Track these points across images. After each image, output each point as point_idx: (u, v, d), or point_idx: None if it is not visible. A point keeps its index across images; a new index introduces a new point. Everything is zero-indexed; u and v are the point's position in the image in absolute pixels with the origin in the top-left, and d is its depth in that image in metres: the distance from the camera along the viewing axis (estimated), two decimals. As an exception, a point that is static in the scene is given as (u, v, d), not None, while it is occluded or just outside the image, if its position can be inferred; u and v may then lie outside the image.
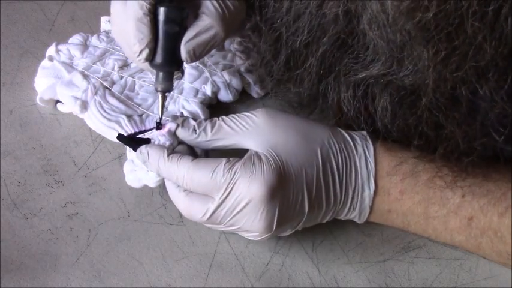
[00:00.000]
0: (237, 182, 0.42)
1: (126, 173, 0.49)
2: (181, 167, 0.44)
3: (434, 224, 0.44)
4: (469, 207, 0.43)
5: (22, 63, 0.59)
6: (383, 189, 0.45)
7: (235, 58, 0.59)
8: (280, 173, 0.43)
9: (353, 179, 0.45)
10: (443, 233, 0.45)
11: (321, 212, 0.45)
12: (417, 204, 0.44)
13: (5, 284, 0.45)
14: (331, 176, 0.44)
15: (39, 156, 0.53)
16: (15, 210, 0.49)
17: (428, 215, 0.44)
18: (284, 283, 0.47)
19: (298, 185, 0.43)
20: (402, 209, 0.45)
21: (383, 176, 0.45)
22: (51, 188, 0.51)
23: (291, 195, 0.43)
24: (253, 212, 0.43)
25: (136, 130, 0.52)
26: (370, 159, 0.45)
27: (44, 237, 0.48)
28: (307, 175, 0.43)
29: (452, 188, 0.43)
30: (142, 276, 0.46)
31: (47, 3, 0.65)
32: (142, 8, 0.45)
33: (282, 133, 0.44)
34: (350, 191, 0.45)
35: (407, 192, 0.45)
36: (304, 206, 0.44)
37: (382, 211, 0.46)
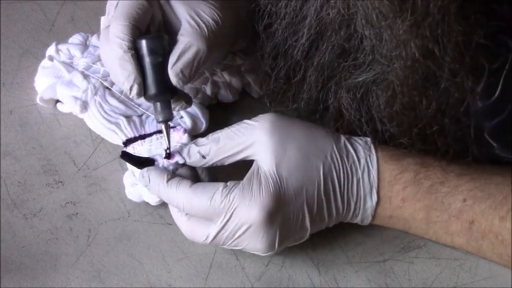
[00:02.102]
0: (236, 209, 0.43)
1: (127, 186, 0.50)
2: (180, 193, 0.44)
3: (435, 228, 0.45)
4: (470, 211, 0.43)
5: (22, 63, 0.59)
6: (384, 197, 0.45)
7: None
8: (279, 196, 0.43)
9: (355, 192, 0.45)
10: (443, 236, 0.45)
11: (324, 223, 0.46)
12: (418, 211, 0.45)
13: (5, 284, 0.45)
14: (332, 191, 0.44)
15: (39, 156, 0.53)
16: (15, 210, 0.49)
17: (429, 220, 0.45)
18: (284, 283, 0.47)
19: (298, 204, 0.44)
20: (403, 215, 0.45)
21: (384, 186, 0.45)
22: (51, 188, 0.51)
23: (291, 215, 0.44)
24: (254, 236, 0.43)
25: (136, 134, 0.52)
26: (373, 172, 0.45)
27: (44, 237, 0.48)
28: (307, 192, 0.44)
29: (454, 193, 0.44)
30: (142, 276, 0.46)
31: (47, 3, 0.65)
32: (122, 47, 0.45)
33: (283, 149, 0.44)
34: (352, 204, 0.45)
35: (408, 199, 0.45)
36: (305, 223, 0.44)
37: (384, 217, 0.46)
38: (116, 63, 0.46)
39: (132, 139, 0.52)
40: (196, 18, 0.48)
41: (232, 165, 0.46)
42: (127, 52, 0.46)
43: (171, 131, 0.52)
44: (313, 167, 0.44)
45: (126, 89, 0.46)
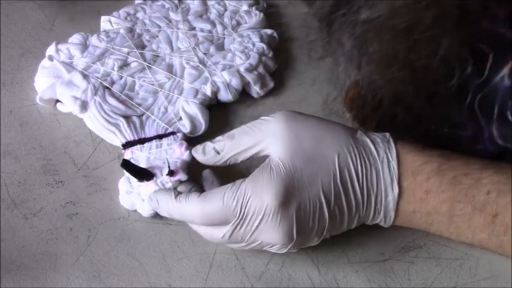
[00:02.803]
0: (250, 199, 0.42)
1: (121, 192, 0.50)
2: (190, 205, 0.44)
3: (458, 222, 0.44)
4: (494, 205, 0.42)
5: (22, 63, 0.59)
6: (407, 190, 0.44)
7: (235, 58, 0.59)
8: (292, 181, 0.42)
9: (375, 184, 0.44)
10: (465, 231, 0.44)
11: (344, 218, 0.44)
12: (442, 203, 0.44)
13: (5, 284, 0.45)
14: (349, 181, 0.43)
15: (39, 156, 0.53)
16: (15, 210, 0.49)
17: (452, 213, 0.43)
18: (284, 283, 0.47)
19: (313, 191, 0.43)
20: (427, 208, 0.44)
21: (407, 176, 0.44)
22: (51, 188, 0.51)
23: (307, 203, 0.43)
24: (271, 225, 0.42)
25: (135, 137, 0.52)
26: (392, 163, 0.44)
27: (44, 237, 0.48)
28: (323, 181, 0.43)
29: (478, 185, 0.43)
30: (142, 276, 0.46)
31: (47, 3, 0.65)
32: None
33: (298, 140, 0.44)
34: (372, 196, 0.44)
35: (432, 191, 0.44)
36: (323, 212, 0.43)
37: (407, 212, 0.45)
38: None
39: (131, 142, 0.52)
40: None
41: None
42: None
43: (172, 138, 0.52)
44: (328, 157, 0.43)
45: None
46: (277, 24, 0.66)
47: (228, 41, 0.61)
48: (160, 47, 0.60)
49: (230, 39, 0.61)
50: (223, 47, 0.61)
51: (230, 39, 0.61)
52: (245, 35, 0.62)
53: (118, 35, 0.60)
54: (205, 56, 0.59)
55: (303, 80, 0.61)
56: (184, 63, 0.58)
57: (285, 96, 0.60)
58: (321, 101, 0.60)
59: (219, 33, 0.62)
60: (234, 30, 0.62)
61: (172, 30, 0.61)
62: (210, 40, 0.61)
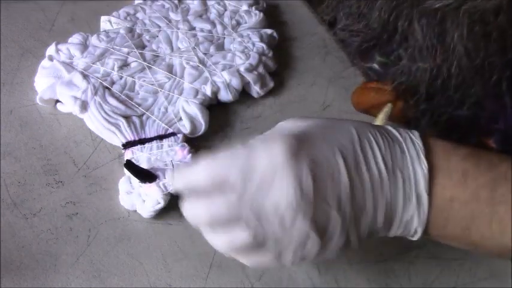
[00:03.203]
0: (256, 154, 0.37)
1: (121, 192, 0.50)
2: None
3: (501, 213, 0.38)
4: None
5: (22, 63, 0.59)
6: (442, 170, 0.39)
7: (235, 58, 0.59)
8: (302, 132, 0.38)
9: (398, 156, 0.39)
10: (509, 225, 0.38)
11: (368, 197, 0.38)
12: (482, 187, 0.38)
13: (5, 284, 0.45)
14: (370, 149, 0.38)
15: (39, 156, 0.53)
16: (15, 210, 0.49)
17: (494, 200, 0.38)
18: (284, 283, 0.47)
19: (329, 147, 0.37)
20: (465, 194, 0.38)
21: (439, 155, 0.39)
22: (51, 188, 0.51)
23: (321, 158, 0.37)
24: (282, 181, 0.36)
25: (136, 137, 0.52)
26: (417, 141, 0.39)
27: (44, 237, 0.48)
28: (340, 143, 0.38)
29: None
30: (142, 276, 0.46)
31: (47, 3, 0.65)
32: None
33: (307, 121, 0.40)
34: (398, 170, 0.38)
35: (470, 172, 0.39)
36: (340, 172, 0.37)
37: (444, 201, 0.39)
38: None
39: (131, 142, 0.52)
40: None
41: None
42: None
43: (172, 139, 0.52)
44: (344, 125, 0.39)
45: None
46: (277, 24, 0.66)
47: (228, 41, 0.61)
48: (160, 47, 0.60)
49: (230, 39, 0.61)
50: (223, 47, 0.61)
51: (230, 39, 0.61)
52: (245, 35, 0.62)
53: (118, 35, 0.60)
54: (205, 56, 0.59)
55: (303, 80, 0.62)
56: (184, 63, 0.58)
57: (285, 96, 0.60)
58: (321, 101, 0.60)
59: (219, 33, 0.62)
60: (234, 30, 0.62)
61: (172, 30, 0.61)
62: (210, 40, 0.61)
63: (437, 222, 0.39)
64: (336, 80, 0.62)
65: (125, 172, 0.51)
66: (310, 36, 0.66)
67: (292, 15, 0.68)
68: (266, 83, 0.59)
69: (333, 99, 0.60)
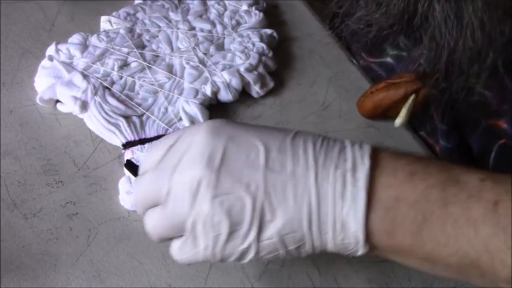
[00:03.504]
0: (184, 130, 0.38)
1: (121, 192, 0.50)
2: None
3: (454, 214, 0.34)
4: (492, 191, 0.35)
5: (22, 63, 0.59)
6: (387, 170, 0.36)
7: (235, 58, 0.59)
8: (228, 120, 0.38)
9: (335, 154, 0.36)
10: (465, 227, 0.34)
11: (287, 185, 0.35)
12: (431, 188, 0.35)
13: (5, 284, 0.45)
14: (302, 145, 0.36)
15: (39, 156, 0.53)
16: (15, 210, 0.49)
17: (446, 200, 0.35)
18: (284, 283, 0.47)
19: (250, 134, 0.37)
20: (414, 194, 0.35)
21: (386, 157, 0.37)
22: (51, 188, 0.51)
23: (242, 142, 0.36)
24: (196, 148, 0.36)
25: (136, 137, 0.52)
26: (366, 146, 0.37)
27: (44, 237, 0.48)
28: (268, 133, 0.37)
29: (469, 173, 0.36)
30: (142, 276, 0.46)
31: (47, 3, 0.65)
32: None
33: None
34: (331, 167, 0.36)
35: (418, 173, 0.36)
36: (260, 158, 0.36)
37: (388, 200, 0.35)
38: None
39: (131, 142, 0.52)
40: None
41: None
42: None
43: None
44: (282, 129, 0.38)
45: None
46: (277, 24, 0.66)
47: (228, 41, 0.61)
48: (160, 47, 0.60)
49: (230, 39, 0.61)
50: (223, 47, 0.61)
51: (230, 39, 0.61)
52: (245, 35, 0.62)
53: (118, 35, 0.60)
54: (205, 56, 0.59)
55: (303, 80, 0.62)
56: (184, 63, 0.58)
57: (285, 96, 0.60)
58: (321, 101, 0.60)
59: (219, 33, 0.62)
60: (234, 30, 0.62)
61: (172, 30, 0.61)
62: (210, 40, 0.61)
63: (382, 226, 0.35)
64: (336, 80, 0.62)
65: (125, 172, 0.51)
66: (310, 36, 0.66)
67: (292, 15, 0.68)
68: (266, 83, 0.59)
69: (333, 99, 0.60)
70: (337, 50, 0.64)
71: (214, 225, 0.36)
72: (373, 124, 0.57)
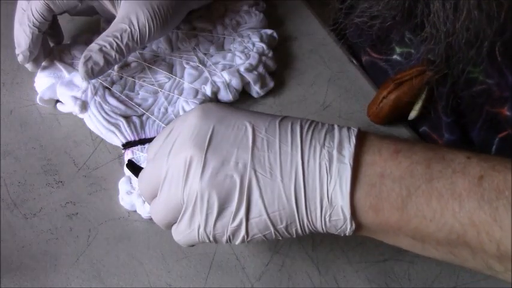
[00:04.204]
0: (177, 119, 0.40)
1: (121, 192, 0.50)
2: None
3: (439, 189, 0.35)
4: (477, 167, 0.35)
5: (22, 63, 0.59)
6: (372, 148, 0.37)
7: (235, 58, 0.59)
8: (219, 104, 0.40)
9: (322, 134, 0.37)
10: (450, 202, 0.35)
11: (276, 157, 0.37)
12: (416, 164, 0.36)
13: (5, 284, 0.45)
14: (290, 126, 0.38)
15: (39, 156, 0.53)
16: (15, 210, 0.49)
17: (431, 175, 0.35)
18: (284, 283, 0.47)
19: (240, 117, 0.38)
20: (399, 170, 0.36)
21: (372, 138, 0.38)
22: (51, 188, 0.51)
23: (231, 124, 0.38)
24: (188, 130, 0.38)
25: (136, 137, 0.52)
26: (353, 128, 0.38)
27: (44, 237, 0.48)
28: (256, 115, 0.39)
29: (454, 152, 0.37)
30: (142, 276, 0.46)
31: (47, 3, 0.65)
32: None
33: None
34: (317, 145, 0.37)
35: (403, 151, 0.37)
36: (248, 139, 0.37)
37: (373, 176, 0.36)
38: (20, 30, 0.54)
39: (131, 142, 0.52)
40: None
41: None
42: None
43: None
44: (269, 114, 0.40)
45: (16, 53, 0.54)
46: (277, 24, 0.66)
47: (228, 41, 0.61)
48: (160, 47, 0.60)
49: (230, 39, 0.61)
50: (223, 47, 0.61)
51: (230, 39, 0.61)
52: (245, 35, 0.62)
53: (118, 35, 0.60)
54: (205, 56, 0.59)
55: (303, 80, 0.62)
56: (184, 63, 0.58)
57: (285, 96, 0.60)
58: (321, 101, 0.60)
59: (219, 33, 0.62)
60: (234, 30, 0.62)
61: (172, 30, 0.61)
62: (210, 40, 0.61)
63: (368, 201, 0.36)
64: (336, 80, 0.62)
65: (125, 172, 0.51)
66: (310, 36, 0.66)
67: (292, 15, 0.68)
68: (266, 83, 0.59)
69: (333, 99, 0.60)
70: (337, 50, 0.64)
71: (204, 204, 0.37)
72: (373, 124, 0.57)
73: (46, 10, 0.53)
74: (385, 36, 0.58)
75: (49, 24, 0.55)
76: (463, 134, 0.54)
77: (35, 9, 0.53)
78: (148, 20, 0.52)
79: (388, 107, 0.55)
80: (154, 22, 0.52)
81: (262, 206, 0.37)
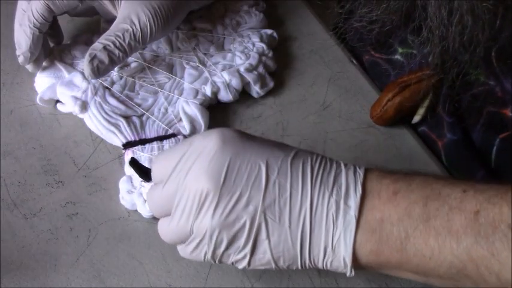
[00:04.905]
0: (195, 139, 0.40)
1: (122, 191, 0.50)
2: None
3: (437, 227, 0.36)
4: (473, 200, 0.36)
5: (22, 63, 0.59)
6: (372, 193, 0.38)
7: (235, 58, 0.59)
8: (241, 132, 0.40)
9: (331, 181, 0.38)
10: (447, 240, 0.36)
11: (286, 207, 0.38)
12: (413, 204, 0.37)
13: (5, 284, 0.45)
14: (301, 166, 0.39)
15: (39, 156, 0.53)
16: (15, 210, 0.49)
17: (428, 215, 0.37)
18: (284, 283, 0.47)
19: (259, 155, 0.39)
20: (397, 213, 0.37)
21: (372, 178, 0.39)
22: (51, 188, 0.51)
23: (246, 160, 0.38)
24: (204, 160, 0.38)
25: (136, 137, 0.52)
26: (359, 170, 0.39)
27: (44, 237, 0.48)
28: (271, 152, 0.39)
29: (451, 186, 0.38)
30: (142, 276, 0.46)
31: (47, 3, 0.65)
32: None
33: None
34: (327, 193, 0.38)
35: (401, 191, 0.38)
36: (261, 180, 0.38)
37: (372, 222, 0.38)
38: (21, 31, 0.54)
39: (131, 142, 0.52)
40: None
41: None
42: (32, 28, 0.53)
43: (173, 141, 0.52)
44: (283, 145, 0.40)
45: (17, 54, 0.55)
46: (277, 24, 0.66)
47: (228, 41, 0.61)
48: (160, 47, 0.60)
49: (230, 39, 0.61)
50: (223, 47, 0.61)
51: (230, 39, 0.61)
52: (245, 35, 0.62)
53: (118, 35, 0.60)
54: (205, 56, 0.59)
55: (303, 80, 0.62)
56: (184, 63, 0.58)
57: (285, 96, 0.60)
58: (321, 101, 0.60)
59: (219, 33, 0.62)
60: (234, 30, 0.62)
61: (173, 30, 0.61)
62: (210, 40, 0.61)
63: (369, 246, 0.38)
64: (336, 80, 0.62)
65: (126, 171, 0.51)
66: (310, 36, 0.66)
67: (292, 15, 0.68)
68: (266, 83, 0.59)
69: (333, 99, 0.60)
70: (337, 50, 0.64)
71: (213, 240, 0.39)
72: (373, 124, 0.57)
73: (46, 11, 0.53)
74: (384, 41, 0.58)
75: (49, 25, 0.55)
76: (465, 135, 0.54)
77: (35, 9, 0.53)
78: (149, 19, 0.52)
79: (392, 110, 0.55)
80: (155, 22, 0.52)
81: (267, 246, 0.38)
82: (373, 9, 0.49)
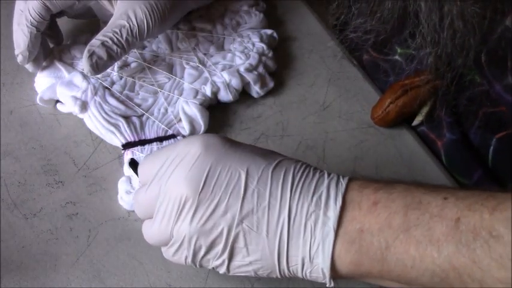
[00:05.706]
0: (179, 144, 0.40)
1: (120, 192, 0.50)
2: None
3: (417, 237, 0.36)
4: (454, 208, 0.35)
5: (22, 63, 0.59)
6: (352, 203, 0.38)
7: (235, 58, 0.59)
8: (226, 138, 0.40)
9: (311, 191, 0.38)
10: (428, 249, 0.35)
11: (265, 215, 0.38)
12: (394, 214, 0.37)
13: (5, 284, 0.45)
14: (282, 176, 0.38)
15: (39, 156, 0.53)
16: (15, 210, 0.49)
17: (408, 224, 0.36)
18: (284, 283, 0.47)
19: (240, 163, 0.39)
20: (377, 223, 0.37)
21: (354, 188, 0.38)
22: (51, 188, 0.51)
23: (226, 167, 0.38)
24: (186, 165, 0.39)
25: (136, 138, 0.52)
26: (342, 180, 0.39)
27: (44, 237, 0.48)
28: (253, 160, 0.39)
29: (432, 194, 0.37)
30: (142, 276, 0.46)
31: (47, 3, 0.65)
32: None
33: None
34: (306, 204, 0.38)
35: (381, 201, 0.37)
36: (240, 188, 0.38)
37: (352, 233, 0.37)
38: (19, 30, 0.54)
39: (131, 143, 0.52)
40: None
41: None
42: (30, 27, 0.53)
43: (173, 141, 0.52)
44: (268, 153, 0.40)
45: (15, 54, 0.55)
46: (277, 24, 0.66)
47: (228, 41, 0.61)
48: (160, 47, 0.60)
49: (230, 39, 0.61)
50: (223, 47, 0.61)
51: (230, 39, 0.61)
52: (245, 35, 0.62)
53: (118, 35, 0.60)
54: (205, 56, 0.59)
55: (303, 80, 0.62)
56: (184, 63, 0.58)
57: (285, 96, 0.60)
58: (321, 101, 0.60)
59: (219, 33, 0.62)
60: (234, 31, 0.62)
61: (173, 30, 0.61)
62: (210, 40, 0.61)
63: (348, 258, 0.37)
64: (336, 80, 0.62)
65: (125, 172, 0.51)
66: (310, 36, 0.66)
67: (292, 15, 0.68)
68: (266, 83, 0.59)
69: (333, 99, 0.60)
70: (337, 50, 0.64)
71: (191, 246, 0.39)
72: (373, 124, 0.57)
73: (43, 9, 0.53)
74: (380, 50, 0.59)
75: (47, 24, 0.55)
76: (463, 135, 0.54)
77: (32, 8, 0.53)
78: (146, 15, 0.52)
79: (394, 113, 0.55)
80: (152, 18, 0.52)
81: (246, 253, 0.39)
82: (367, 20, 0.49)
